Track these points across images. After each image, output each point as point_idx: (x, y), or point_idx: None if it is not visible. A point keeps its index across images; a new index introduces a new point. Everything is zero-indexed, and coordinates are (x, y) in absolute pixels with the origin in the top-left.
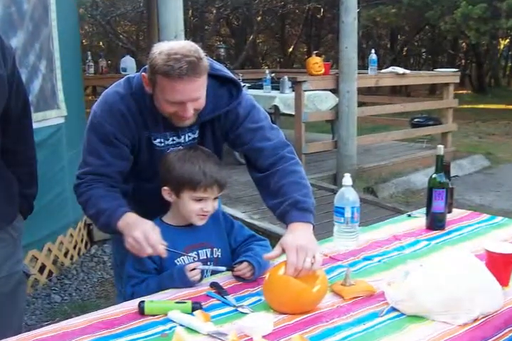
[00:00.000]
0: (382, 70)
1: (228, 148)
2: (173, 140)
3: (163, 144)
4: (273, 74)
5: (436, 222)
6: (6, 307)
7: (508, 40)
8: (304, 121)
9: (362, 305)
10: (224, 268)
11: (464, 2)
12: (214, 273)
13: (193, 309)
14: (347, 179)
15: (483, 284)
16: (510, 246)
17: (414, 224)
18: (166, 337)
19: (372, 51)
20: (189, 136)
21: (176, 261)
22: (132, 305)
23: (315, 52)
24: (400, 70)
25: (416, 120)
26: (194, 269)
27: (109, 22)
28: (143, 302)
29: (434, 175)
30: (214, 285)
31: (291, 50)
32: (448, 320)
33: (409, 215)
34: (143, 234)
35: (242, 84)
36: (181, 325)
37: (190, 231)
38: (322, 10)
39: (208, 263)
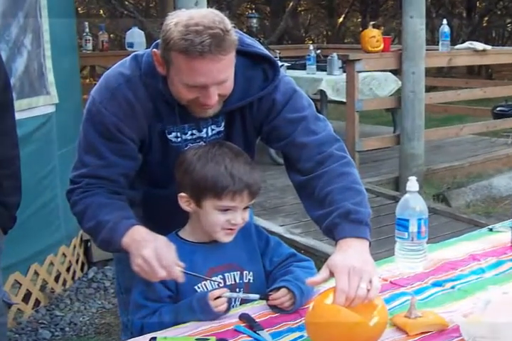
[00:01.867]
0: (457, 46)
1: (262, 144)
2: (192, 134)
3: (179, 139)
4: (319, 51)
5: None
6: None
7: None
8: (357, 111)
9: None
10: (257, 296)
11: None
12: (244, 302)
13: None
14: (412, 183)
15: None
16: None
17: (496, 241)
18: None
19: (444, 22)
20: (213, 129)
21: (196, 287)
22: None
23: (372, 23)
24: (479, 46)
25: (499, 109)
26: (219, 297)
27: None
28: (154, 339)
29: None
30: (244, 317)
31: (341, 20)
32: None
33: (490, 229)
34: (154, 252)
35: (280, 63)
36: None
37: (215, 250)
38: None
39: (237, 290)
